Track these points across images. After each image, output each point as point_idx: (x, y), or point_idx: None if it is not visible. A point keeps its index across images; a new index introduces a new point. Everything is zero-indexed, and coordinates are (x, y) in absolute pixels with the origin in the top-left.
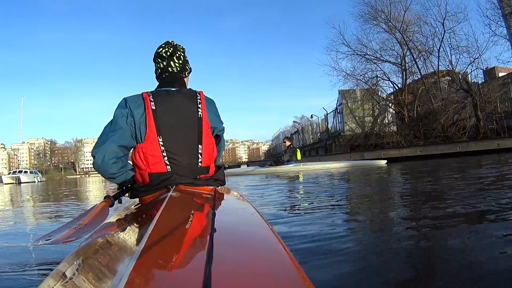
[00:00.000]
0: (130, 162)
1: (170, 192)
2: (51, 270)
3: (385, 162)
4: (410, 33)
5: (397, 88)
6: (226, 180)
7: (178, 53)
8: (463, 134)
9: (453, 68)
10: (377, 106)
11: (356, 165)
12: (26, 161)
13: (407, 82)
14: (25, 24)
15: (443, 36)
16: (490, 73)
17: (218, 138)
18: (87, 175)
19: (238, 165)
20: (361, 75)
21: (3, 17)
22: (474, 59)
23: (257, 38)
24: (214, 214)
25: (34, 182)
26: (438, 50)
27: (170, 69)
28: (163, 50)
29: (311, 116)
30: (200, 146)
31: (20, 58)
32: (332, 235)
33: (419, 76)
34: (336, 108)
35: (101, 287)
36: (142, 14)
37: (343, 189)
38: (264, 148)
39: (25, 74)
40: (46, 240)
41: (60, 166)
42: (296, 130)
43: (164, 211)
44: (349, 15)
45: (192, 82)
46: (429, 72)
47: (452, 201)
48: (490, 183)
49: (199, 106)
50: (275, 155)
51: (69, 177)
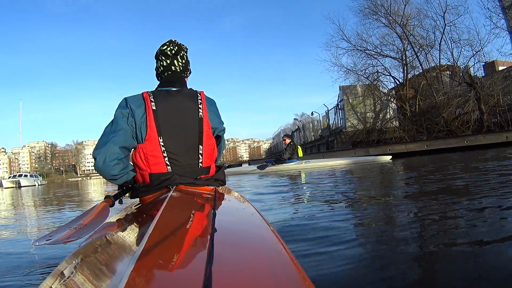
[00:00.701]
0: (131, 163)
1: (171, 192)
2: (51, 270)
3: (389, 158)
4: (410, 27)
5: (398, 83)
6: (226, 179)
7: (182, 52)
8: (467, 128)
9: (455, 61)
10: (378, 101)
11: (360, 161)
12: (27, 165)
13: (409, 77)
14: (23, 26)
15: (444, 29)
16: (490, 67)
17: (219, 138)
18: (89, 177)
19: (240, 164)
20: (361, 71)
21: (1, 20)
22: (476, 52)
23: (256, 37)
24: (215, 214)
25: (35, 185)
26: (439, 44)
27: (173, 67)
28: (168, 48)
29: (312, 113)
30: (200, 146)
31: (18, 61)
32: (332, 235)
33: (421, 70)
34: (337, 104)
35: (101, 287)
36: (141, 14)
37: (348, 188)
38: (265, 146)
39: (23, 77)
40: (47, 240)
41: (61, 169)
42: (297, 127)
43: (164, 211)
44: (348, 10)
45: (191, 82)
46: (430, 66)
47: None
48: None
49: (200, 106)
50: (276, 153)
51: (70, 179)
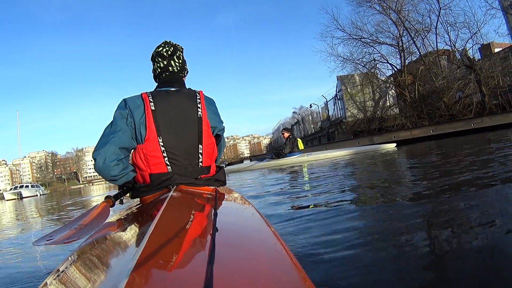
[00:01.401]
0: (131, 163)
1: (171, 192)
2: (51, 270)
3: (394, 145)
4: (405, 12)
5: (396, 69)
6: (227, 178)
7: (178, 52)
8: (469, 112)
9: (452, 45)
10: (377, 89)
11: (363, 151)
12: (29, 175)
13: (406, 63)
14: (18, 38)
15: (440, 12)
16: (486, 49)
17: (218, 137)
18: (91, 184)
19: (241, 160)
20: (358, 59)
21: None
22: (473, 34)
23: (251, 33)
24: (216, 214)
25: (36, 195)
26: (436, 28)
27: (170, 68)
28: (164, 49)
29: (310, 105)
30: (200, 146)
31: (14, 72)
32: (333, 236)
33: (418, 55)
34: (335, 94)
35: (101, 287)
36: (133, 17)
37: (352, 182)
38: (265, 141)
39: (20, 88)
40: (47, 240)
41: (63, 177)
42: (296, 121)
43: (165, 211)
44: None
45: (188, 81)
46: (428, 51)
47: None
48: None
49: (199, 106)
50: (277, 148)
51: (72, 187)
